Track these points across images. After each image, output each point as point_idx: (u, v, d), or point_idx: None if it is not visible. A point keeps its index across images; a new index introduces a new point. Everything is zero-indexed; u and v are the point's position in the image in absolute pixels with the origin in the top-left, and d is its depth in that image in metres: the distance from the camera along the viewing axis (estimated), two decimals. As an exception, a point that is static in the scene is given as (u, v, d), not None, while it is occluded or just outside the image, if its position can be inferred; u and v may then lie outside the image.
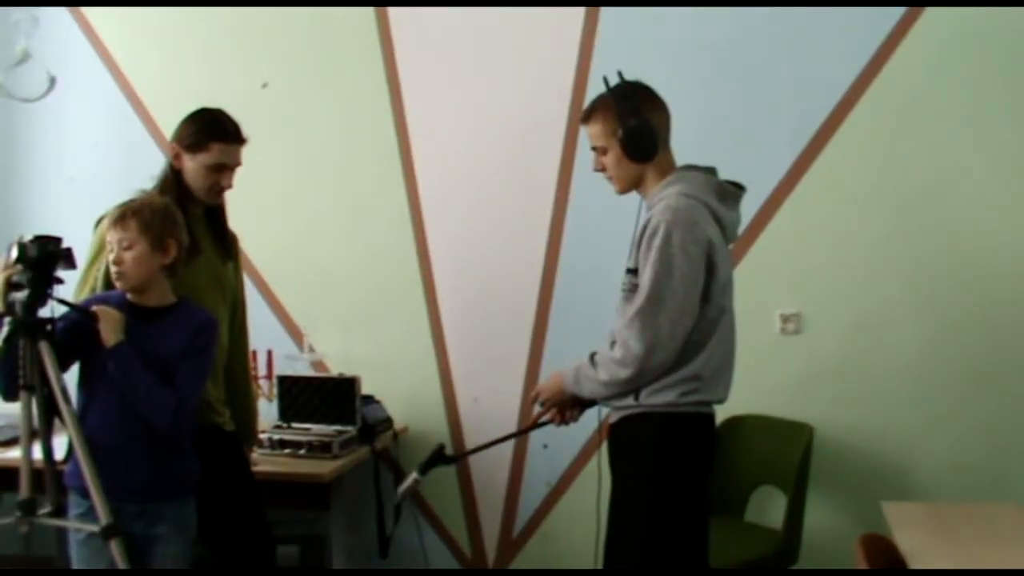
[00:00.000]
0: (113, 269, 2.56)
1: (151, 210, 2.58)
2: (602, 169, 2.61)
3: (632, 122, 2.49)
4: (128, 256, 2.54)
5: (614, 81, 2.57)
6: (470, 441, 3.99)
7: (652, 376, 2.48)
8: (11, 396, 2.47)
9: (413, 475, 2.74)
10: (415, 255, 4.01)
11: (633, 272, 2.51)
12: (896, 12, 3.59)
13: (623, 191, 2.62)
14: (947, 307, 3.61)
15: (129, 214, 2.55)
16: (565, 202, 3.89)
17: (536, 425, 2.81)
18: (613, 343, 2.48)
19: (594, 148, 2.60)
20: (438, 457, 2.75)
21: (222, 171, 2.86)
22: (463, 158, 3.97)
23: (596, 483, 2.73)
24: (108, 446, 2.52)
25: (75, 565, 2.60)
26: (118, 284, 2.58)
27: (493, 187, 3.93)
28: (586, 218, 3.85)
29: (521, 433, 2.76)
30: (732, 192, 2.60)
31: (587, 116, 2.60)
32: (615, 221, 3.04)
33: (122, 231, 2.54)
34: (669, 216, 2.44)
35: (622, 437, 2.61)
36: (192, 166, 2.84)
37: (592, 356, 2.54)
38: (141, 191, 2.78)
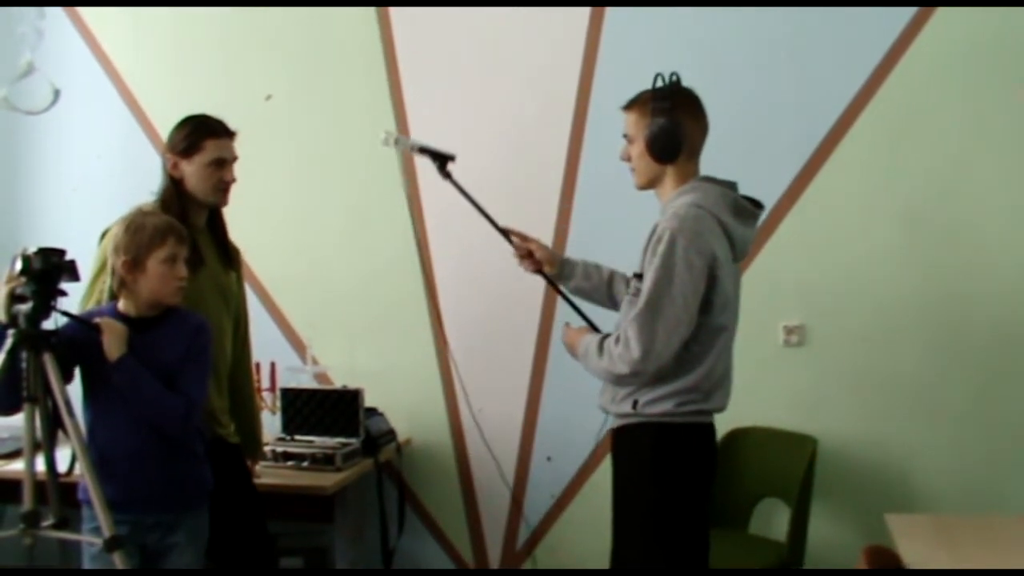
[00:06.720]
0: (183, 283, 2.61)
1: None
2: (627, 159, 2.65)
3: (660, 121, 2.53)
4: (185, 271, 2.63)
5: (671, 81, 2.59)
6: (473, 452, 3.98)
7: (649, 379, 2.49)
8: (15, 408, 2.47)
9: (417, 143, 3.16)
10: (419, 267, 4.00)
11: (639, 277, 2.53)
12: (901, 20, 3.57)
13: (640, 186, 2.66)
14: (951, 319, 3.60)
15: (179, 229, 2.62)
16: (569, 211, 3.89)
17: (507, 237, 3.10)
18: (618, 338, 2.50)
19: (625, 136, 2.65)
20: (440, 158, 3.12)
21: (223, 166, 2.90)
22: (467, 167, 3.96)
23: (602, 495, 2.72)
24: (121, 458, 2.54)
25: None
26: (177, 299, 2.62)
27: (498, 195, 3.90)
28: (591, 228, 3.84)
29: (497, 228, 3.13)
30: (749, 209, 2.61)
31: (629, 105, 2.64)
32: (620, 233, 3.05)
33: (184, 246, 2.61)
34: (675, 224, 2.45)
35: (620, 445, 2.62)
36: (191, 169, 2.86)
37: (603, 340, 2.56)
38: (149, 203, 2.82)
